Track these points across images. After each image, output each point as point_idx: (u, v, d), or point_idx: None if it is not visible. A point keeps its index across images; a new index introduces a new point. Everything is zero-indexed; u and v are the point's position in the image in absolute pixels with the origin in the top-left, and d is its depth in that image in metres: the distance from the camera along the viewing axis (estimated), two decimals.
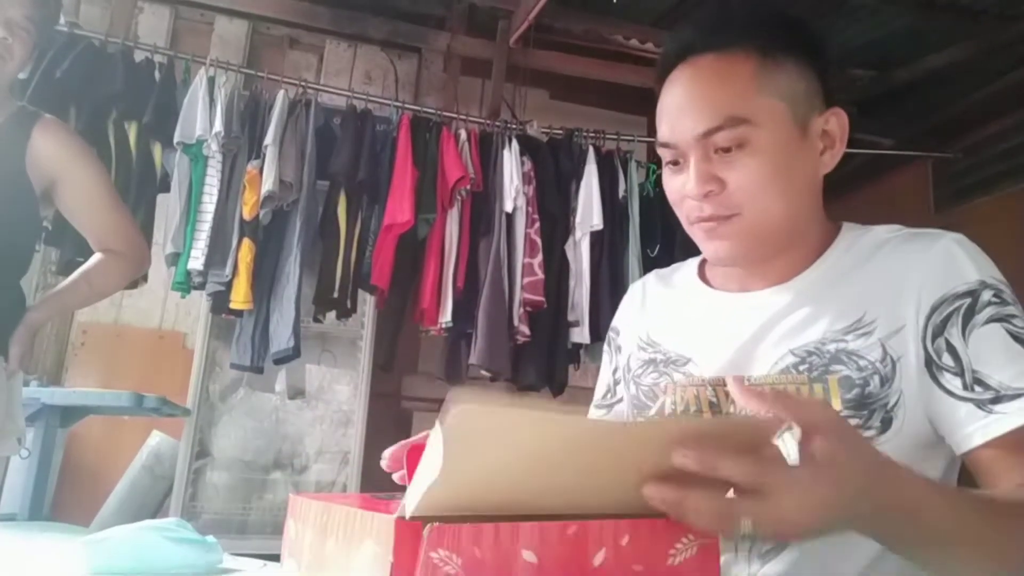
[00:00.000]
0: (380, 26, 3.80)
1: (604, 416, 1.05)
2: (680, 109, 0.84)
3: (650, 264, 3.29)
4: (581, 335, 3.18)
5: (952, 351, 0.77)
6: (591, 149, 3.35)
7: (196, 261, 2.85)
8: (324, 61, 3.90)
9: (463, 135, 3.26)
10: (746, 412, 0.61)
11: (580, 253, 3.24)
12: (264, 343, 2.99)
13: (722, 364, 0.88)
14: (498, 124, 3.38)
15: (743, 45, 0.83)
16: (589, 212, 3.21)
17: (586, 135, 3.43)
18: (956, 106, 4.02)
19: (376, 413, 3.36)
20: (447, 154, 3.17)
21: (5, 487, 2.82)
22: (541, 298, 3.13)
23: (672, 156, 0.87)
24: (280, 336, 2.94)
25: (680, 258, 1.08)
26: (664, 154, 0.88)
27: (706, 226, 0.86)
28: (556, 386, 3.21)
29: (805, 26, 0.88)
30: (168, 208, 2.91)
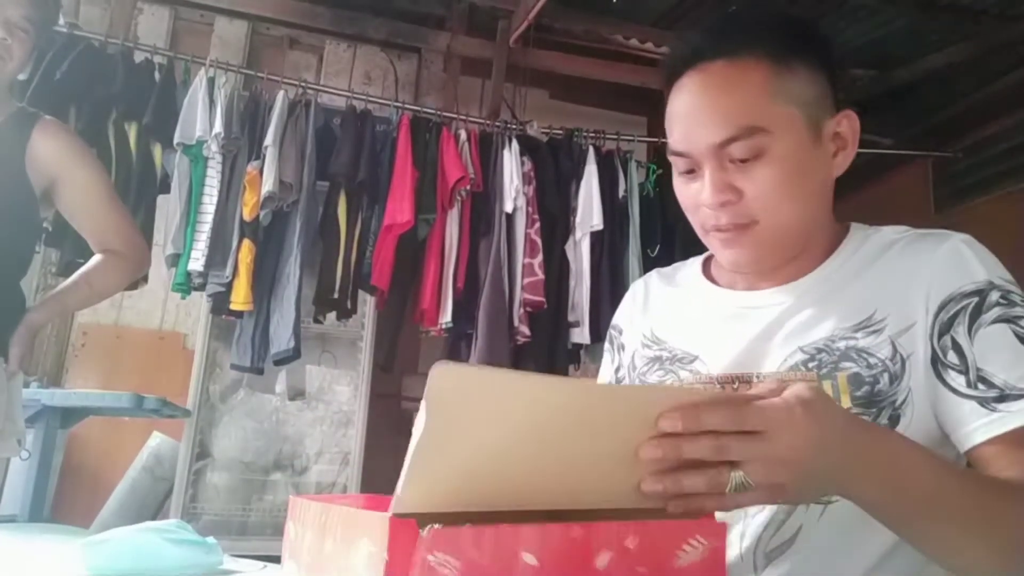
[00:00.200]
0: (380, 26, 3.80)
1: None
2: (693, 118, 0.83)
3: (650, 264, 3.28)
4: (581, 335, 3.18)
5: (958, 349, 0.78)
6: (591, 149, 3.35)
7: (196, 262, 2.85)
8: (324, 61, 3.90)
9: (463, 135, 3.26)
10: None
11: (580, 253, 3.23)
12: (264, 344, 2.99)
13: (730, 361, 0.88)
14: (498, 124, 3.38)
15: (754, 51, 0.82)
16: (589, 212, 3.21)
17: (586, 135, 3.43)
18: (956, 106, 4.02)
19: (376, 414, 3.36)
20: (447, 154, 3.17)
21: (5, 488, 2.83)
22: (541, 298, 3.13)
23: (685, 165, 0.86)
24: (280, 337, 2.94)
25: (680, 258, 1.08)
26: (677, 162, 0.87)
27: (722, 236, 0.86)
28: None
29: (815, 29, 0.87)
30: (168, 209, 2.91)
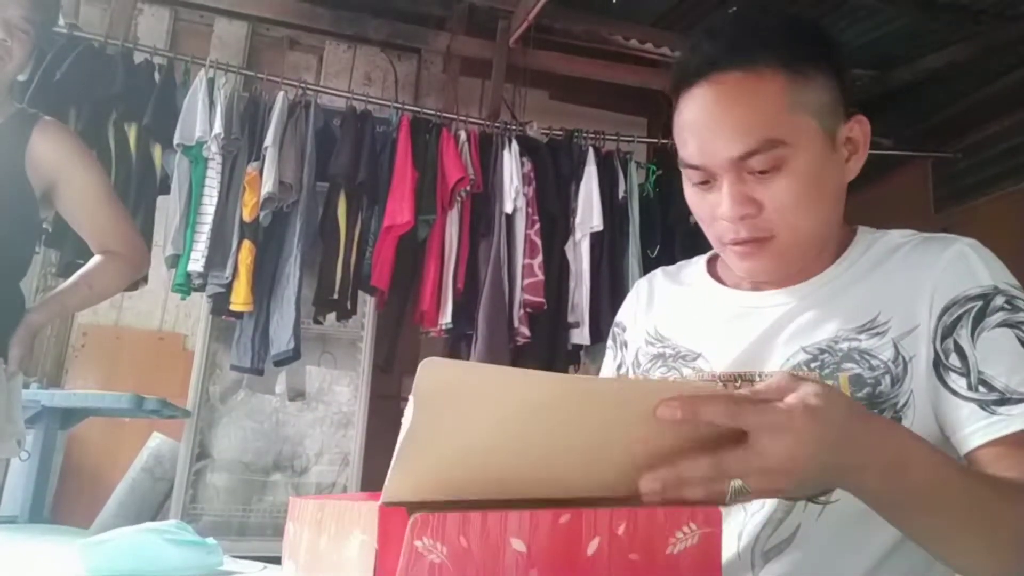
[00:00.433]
0: (379, 27, 3.79)
1: None
2: (710, 132, 0.81)
3: (650, 265, 3.28)
4: (581, 336, 3.18)
5: (960, 352, 0.78)
6: (591, 150, 3.35)
7: (196, 263, 2.85)
8: (324, 62, 3.90)
9: (463, 136, 3.26)
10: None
11: (580, 254, 3.23)
12: (264, 345, 2.99)
13: (733, 360, 0.89)
14: (497, 125, 3.38)
15: (770, 61, 0.80)
16: (589, 213, 3.21)
17: (586, 136, 3.43)
18: (956, 106, 4.02)
19: (376, 414, 3.35)
20: (447, 155, 3.17)
21: (5, 489, 2.82)
22: (541, 299, 3.13)
23: (700, 176, 0.84)
24: (280, 338, 2.94)
25: (680, 259, 1.08)
26: (690, 174, 0.86)
27: (740, 248, 0.85)
28: None
29: (827, 35, 0.86)
30: (168, 210, 2.91)
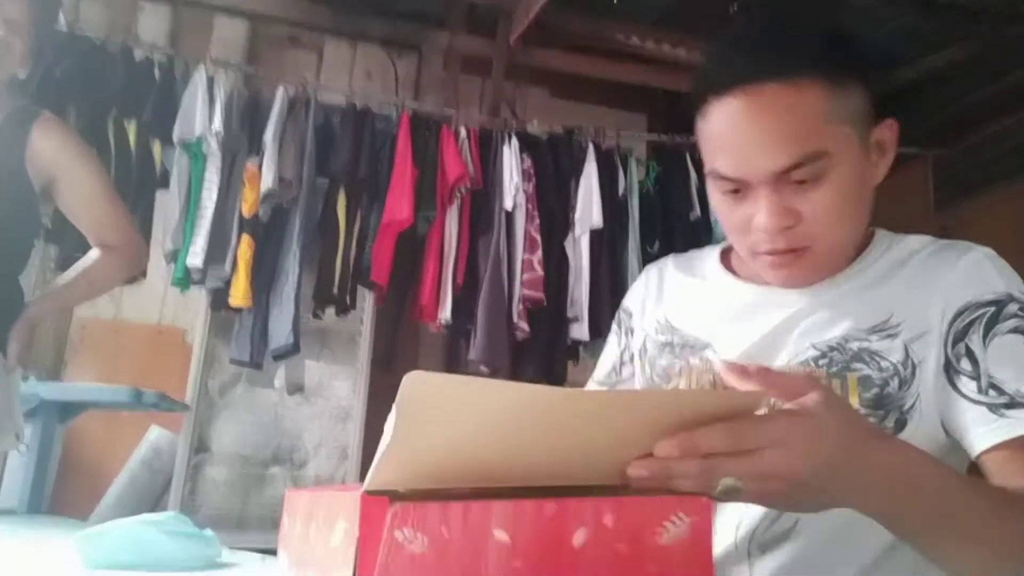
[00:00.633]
0: (380, 25, 3.79)
1: None
2: (750, 145, 0.79)
3: (650, 261, 3.26)
4: (580, 332, 3.18)
5: (971, 356, 0.78)
6: (591, 146, 3.35)
7: (196, 258, 2.86)
8: (324, 60, 3.89)
9: (463, 132, 3.26)
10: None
11: (580, 250, 3.24)
12: (263, 339, 3.00)
13: (742, 352, 0.89)
14: (497, 122, 3.38)
15: (809, 72, 0.78)
16: (589, 210, 3.21)
17: (585, 132, 3.42)
18: (956, 105, 4.01)
19: (375, 409, 3.36)
20: (447, 152, 3.17)
21: (4, 482, 2.84)
22: (541, 295, 3.13)
23: (731, 186, 0.83)
24: (279, 332, 2.95)
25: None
26: (720, 184, 0.84)
27: (776, 259, 0.84)
28: (555, 382, 3.21)
29: (861, 42, 0.85)
30: (168, 205, 2.92)
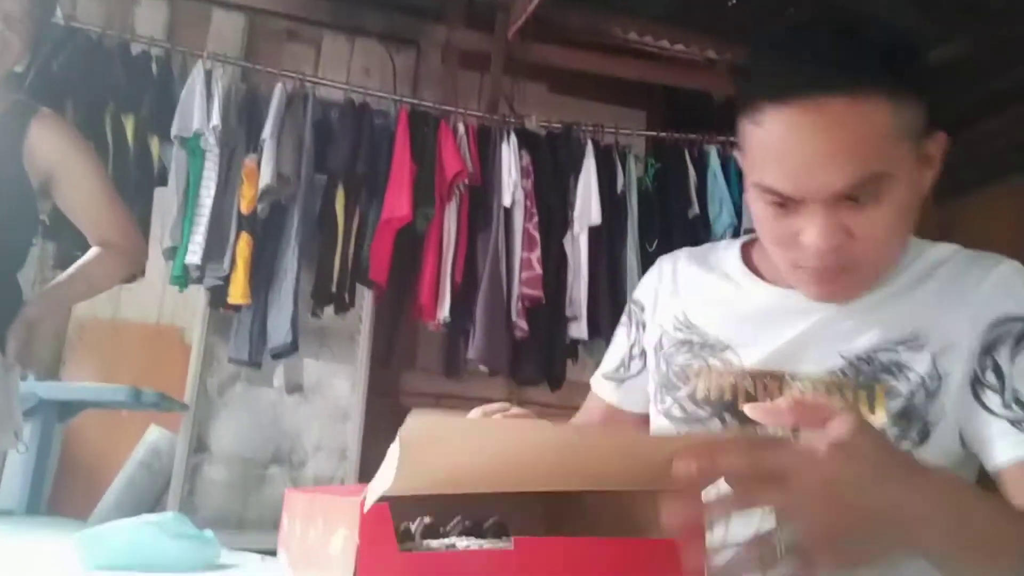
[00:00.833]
0: (378, 19, 3.78)
1: (614, 389, 1.04)
2: (809, 161, 0.74)
3: (649, 259, 3.27)
4: (579, 330, 3.17)
5: (997, 370, 0.78)
6: (589, 143, 3.34)
7: (194, 255, 2.85)
8: (322, 54, 3.88)
9: (461, 129, 3.25)
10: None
11: (578, 248, 3.22)
12: (262, 338, 2.99)
13: (765, 356, 0.87)
14: (496, 118, 3.37)
15: (877, 88, 0.73)
16: (587, 207, 3.19)
17: (584, 129, 3.41)
18: (956, 101, 4.00)
19: (374, 408, 3.35)
20: (445, 148, 3.16)
21: (3, 482, 2.82)
22: (539, 293, 3.12)
23: (779, 198, 0.78)
24: (278, 331, 2.94)
25: None
26: (767, 196, 0.79)
27: (819, 277, 0.81)
28: (554, 381, 3.21)
29: (924, 53, 0.80)
30: (165, 202, 2.90)
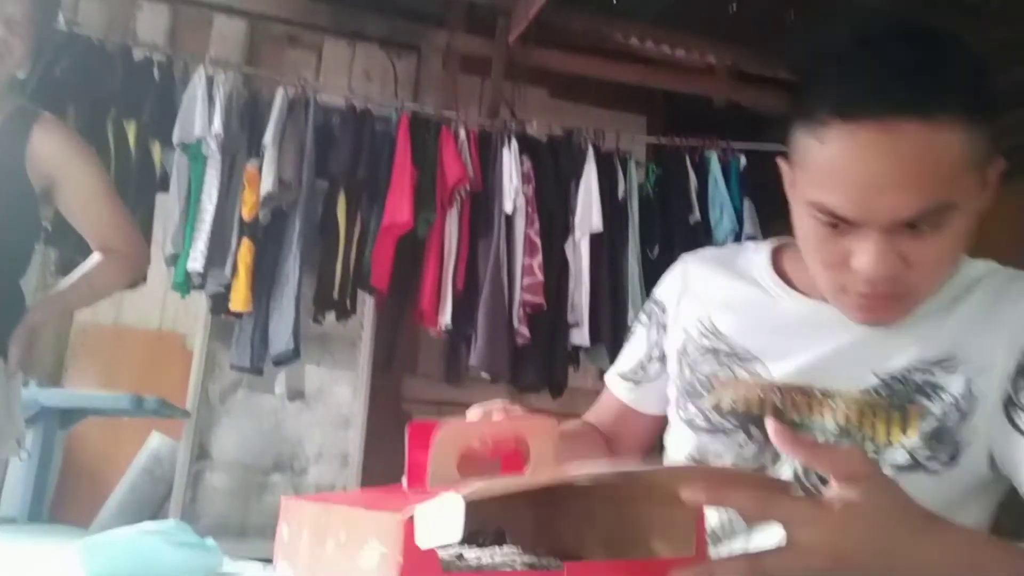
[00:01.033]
0: (379, 24, 3.79)
1: (630, 390, 1.04)
2: (876, 186, 0.70)
3: (650, 265, 3.28)
4: (581, 337, 3.16)
5: None
6: (590, 149, 3.34)
7: (196, 262, 2.84)
8: (323, 60, 3.89)
9: (462, 134, 3.25)
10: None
11: (580, 254, 3.22)
12: (264, 344, 2.98)
13: (795, 370, 0.85)
14: (497, 123, 3.37)
15: (953, 113, 0.69)
16: (588, 213, 3.19)
17: (585, 135, 3.42)
18: None
19: (376, 415, 3.35)
20: (446, 154, 3.16)
21: (4, 489, 2.82)
22: (541, 300, 3.12)
23: (835, 220, 0.74)
24: (280, 337, 2.93)
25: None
26: (822, 216, 0.75)
27: (868, 303, 0.77)
28: (555, 387, 3.20)
29: (992, 74, 0.76)
30: (167, 208, 2.91)
